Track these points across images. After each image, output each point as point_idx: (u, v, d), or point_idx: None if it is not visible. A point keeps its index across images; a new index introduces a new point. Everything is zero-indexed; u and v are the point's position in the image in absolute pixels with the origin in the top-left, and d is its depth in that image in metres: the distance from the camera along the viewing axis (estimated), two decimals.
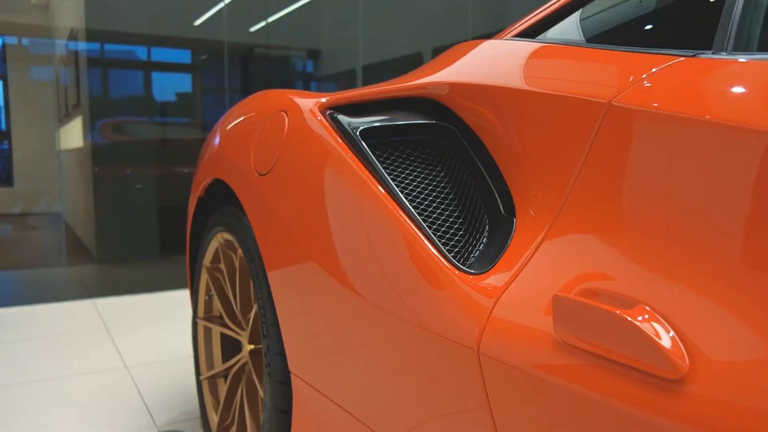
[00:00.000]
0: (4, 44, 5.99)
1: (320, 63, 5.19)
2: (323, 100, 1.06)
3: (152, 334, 2.56)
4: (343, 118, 1.00)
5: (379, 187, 0.86)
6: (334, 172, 0.94)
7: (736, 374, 0.45)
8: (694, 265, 0.52)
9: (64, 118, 4.96)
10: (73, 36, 4.54)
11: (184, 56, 4.92)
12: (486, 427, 0.66)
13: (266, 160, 1.12)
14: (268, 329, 1.14)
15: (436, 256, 0.75)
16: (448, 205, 0.87)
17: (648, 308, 0.51)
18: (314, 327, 0.99)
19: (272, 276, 1.09)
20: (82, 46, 4.45)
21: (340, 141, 0.96)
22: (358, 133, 0.95)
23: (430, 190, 0.89)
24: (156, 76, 4.68)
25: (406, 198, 0.86)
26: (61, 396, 1.92)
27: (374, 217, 0.85)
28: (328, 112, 1.03)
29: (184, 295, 3.25)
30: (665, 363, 0.47)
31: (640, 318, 0.50)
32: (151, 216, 4.26)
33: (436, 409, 0.74)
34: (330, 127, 0.99)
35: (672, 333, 0.49)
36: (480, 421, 0.66)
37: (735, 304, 0.48)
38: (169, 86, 4.77)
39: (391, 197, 0.84)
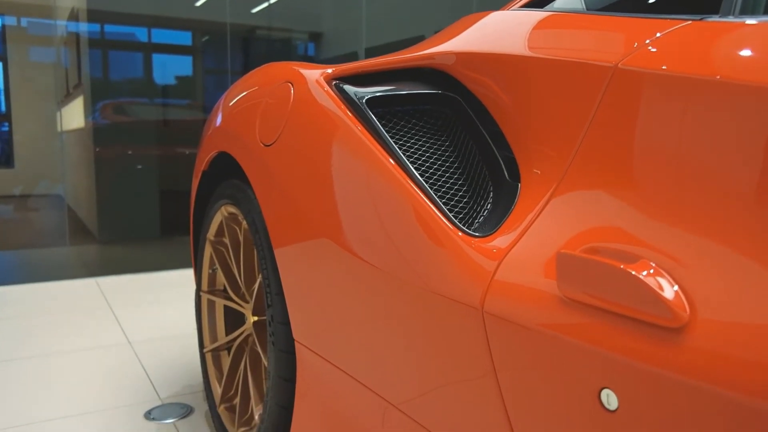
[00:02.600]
0: (3, 25, 5.95)
1: (323, 45, 5.17)
2: (329, 70, 1.07)
3: (154, 312, 2.58)
4: (349, 88, 1.00)
5: (385, 155, 0.87)
6: (340, 140, 0.95)
7: (735, 323, 0.46)
8: (696, 222, 0.53)
9: (65, 99, 4.96)
10: (73, 16, 4.52)
11: (185, 37, 4.90)
12: (489, 384, 0.67)
13: (272, 130, 1.13)
14: (272, 299, 1.15)
15: (442, 220, 0.76)
16: (453, 173, 0.88)
17: (650, 262, 0.52)
18: (319, 295, 1.00)
19: (277, 245, 1.10)
20: (83, 26, 4.43)
21: (346, 110, 0.96)
22: (364, 102, 0.96)
23: (436, 158, 0.90)
24: (157, 58, 4.66)
25: (412, 165, 0.87)
26: (66, 370, 1.94)
27: (380, 184, 0.86)
28: (334, 82, 1.03)
29: (185, 275, 3.27)
30: (666, 312, 0.48)
31: (644, 272, 0.51)
32: (153, 196, 4.27)
33: (440, 369, 0.75)
34: (336, 97, 1.00)
35: (674, 284, 0.50)
36: (483, 379, 0.68)
37: (737, 259, 0.49)
38: (171, 67, 4.75)
39: (398, 164, 0.85)
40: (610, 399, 0.52)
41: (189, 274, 3.28)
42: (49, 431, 1.53)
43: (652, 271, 0.51)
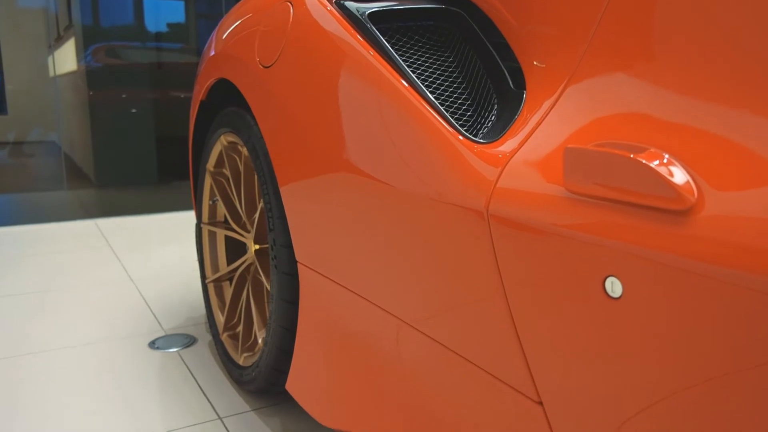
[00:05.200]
0: None
1: None
2: None
3: (154, 250, 2.60)
4: (350, 4, 0.98)
5: (389, 68, 0.86)
6: (342, 56, 0.93)
7: (744, 209, 0.46)
8: (708, 115, 0.53)
9: (56, 42, 4.85)
10: None
11: None
12: (494, 288, 0.68)
13: (271, 51, 1.11)
14: (274, 222, 1.16)
15: (447, 129, 0.75)
16: (457, 87, 0.87)
17: (657, 151, 0.52)
18: (322, 214, 1.00)
19: (278, 167, 1.10)
20: None
21: (347, 25, 0.94)
22: (366, 16, 0.94)
23: (439, 73, 0.89)
24: (149, 1, 4.53)
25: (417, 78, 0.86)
26: (70, 304, 1.97)
27: (385, 98, 0.85)
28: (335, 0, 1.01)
29: (183, 216, 3.28)
30: (672, 194, 0.48)
31: (652, 161, 0.51)
32: (149, 140, 4.23)
33: (445, 277, 0.76)
34: (336, 13, 0.97)
35: (681, 170, 0.50)
36: (488, 282, 0.68)
37: (752, 149, 0.49)
38: (163, 11, 4.63)
39: (401, 77, 0.84)
40: (614, 286, 0.53)
41: (188, 216, 3.29)
42: (56, 359, 1.56)
43: (659, 159, 0.51)
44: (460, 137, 0.73)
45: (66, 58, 4.61)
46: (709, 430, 0.49)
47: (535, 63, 0.76)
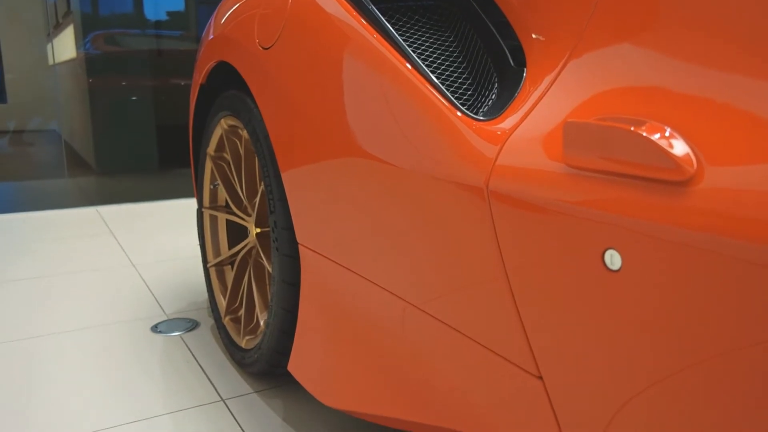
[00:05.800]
0: None
1: None
2: None
3: (156, 237, 2.61)
4: None
5: (389, 47, 0.85)
6: (342, 35, 0.93)
7: (743, 181, 0.46)
8: (702, 86, 0.52)
9: (55, 30, 4.83)
10: None
11: None
12: (494, 265, 0.68)
13: (271, 32, 1.11)
14: (275, 205, 1.16)
15: (448, 107, 0.75)
16: (458, 66, 0.87)
17: (658, 124, 0.52)
18: (323, 195, 1.00)
19: (279, 149, 1.10)
20: None
21: (347, 4, 0.94)
22: None
23: (440, 52, 0.88)
24: None
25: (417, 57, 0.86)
26: (73, 289, 1.97)
27: (385, 77, 0.85)
28: None
29: (184, 203, 3.28)
30: (671, 165, 0.48)
31: (653, 134, 0.51)
32: (149, 128, 4.23)
33: (446, 255, 0.76)
34: None
35: (681, 141, 0.50)
36: (488, 258, 0.69)
37: (750, 120, 0.49)
38: None
39: (401, 56, 0.84)
40: (613, 259, 0.53)
41: (188, 203, 3.29)
42: (58, 343, 1.57)
43: (658, 131, 0.51)
44: (460, 114, 0.73)
45: (65, 46, 4.60)
46: (711, 404, 0.50)
47: (534, 37, 0.76)
